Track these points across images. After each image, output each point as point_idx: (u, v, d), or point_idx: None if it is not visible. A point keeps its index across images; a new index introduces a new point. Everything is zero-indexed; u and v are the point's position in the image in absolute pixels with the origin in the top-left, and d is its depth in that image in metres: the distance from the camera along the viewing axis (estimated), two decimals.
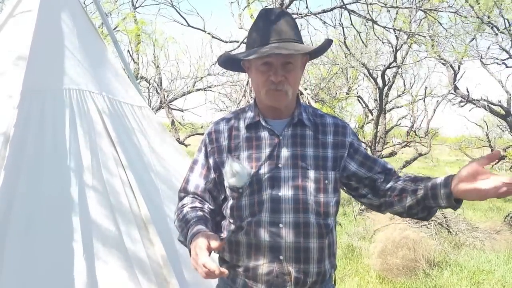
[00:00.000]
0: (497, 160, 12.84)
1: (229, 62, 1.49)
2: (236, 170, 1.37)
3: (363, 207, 6.85)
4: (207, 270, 1.14)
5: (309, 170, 1.36)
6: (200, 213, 1.39)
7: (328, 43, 1.43)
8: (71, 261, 1.71)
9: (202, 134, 10.20)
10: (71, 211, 1.80)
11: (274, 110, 1.42)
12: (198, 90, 8.51)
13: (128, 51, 8.39)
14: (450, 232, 5.62)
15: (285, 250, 1.33)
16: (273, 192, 1.34)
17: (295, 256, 1.33)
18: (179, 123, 9.67)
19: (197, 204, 1.44)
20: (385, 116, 10.00)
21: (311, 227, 1.34)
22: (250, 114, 1.45)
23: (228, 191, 1.41)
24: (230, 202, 1.41)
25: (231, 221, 1.41)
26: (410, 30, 6.72)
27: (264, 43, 1.33)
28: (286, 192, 1.34)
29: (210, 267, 1.13)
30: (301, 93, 5.70)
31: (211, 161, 1.45)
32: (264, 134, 1.41)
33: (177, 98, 8.62)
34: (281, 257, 1.33)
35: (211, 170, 1.45)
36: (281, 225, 1.33)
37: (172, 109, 9.16)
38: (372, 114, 10.50)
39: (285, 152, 1.38)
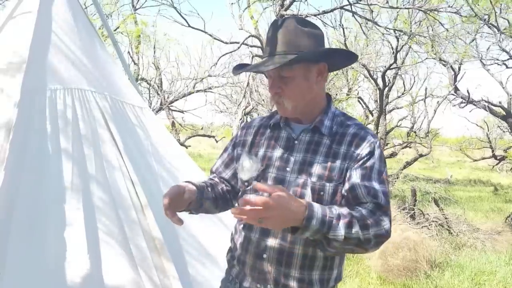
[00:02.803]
0: (498, 161, 12.83)
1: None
2: (245, 164, 1.43)
3: None
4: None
5: (310, 178, 1.34)
6: (212, 181, 1.55)
7: (320, 54, 1.38)
8: (75, 260, 1.71)
9: (203, 135, 10.21)
10: (74, 211, 1.80)
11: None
12: (198, 91, 8.51)
13: (129, 52, 8.39)
14: (451, 233, 5.61)
15: (269, 250, 1.35)
16: None
17: (277, 258, 1.34)
18: (180, 124, 9.68)
19: (216, 179, 1.58)
20: (385, 117, 9.99)
21: None
22: (278, 115, 1.49)
23: (239, 182, 1.50)
24: (239, 193, 1.50)
25: None
26: (411, 31, 6.72)
27: (264, 55, 1.40)
28: None
29: (164, 209, 1.32)
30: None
31: (235, 152, 1.55)
32: (283, 135, 1.44)
33: (177, 100, 8.61)
34: (264, 256, 1.36)
35: (234, 160, 1.54)
36: None
37: (172, 110, 9.17)
38: (372, 115, 10.50)
39: (296, 157, 1.38)
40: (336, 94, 9.95)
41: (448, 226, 5.71)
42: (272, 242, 1.35)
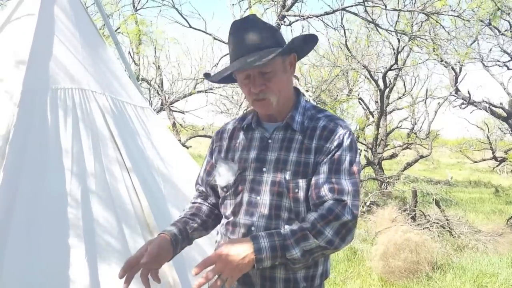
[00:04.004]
0: (498, 163, 12.83)
1: (224, 77, 1.50)
2: (221, 170, 1.44)
3: (364, 208, 6.83)
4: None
5: (286, 176, 1.33)
6: (191, 211, 1.52)
7: (299, 40, 1.37)
8: (73, 262, 1.69)
9: (203, 136, 10.19)
10: (73, 212, 1.78)
11: (268, 114, 1.42)
12: (199, 92, 8.49)
13: (129, 52, 8.38)
14: (452, 235, 5.60)
15: None
16: (252, 195, 1.36)
17: None
18: (180, 125, 9.67)
19: (199, 200, 1.57)
20: (386, 118, 9.99)
21: None
22: (250, 116, 1.47)
23: (219, 189, 1.47)
24: (220, 199, 1.48)
25: (223, 217, 1.48)
26: (412, 33, 6.71)
27: (234, 58, 1.35)
28: (264, 196, 1.34)
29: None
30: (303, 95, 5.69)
31: (213, 158, 1.52)
32: (256, 136, 1.43)
33: (178, 100, 8.60)
34: None
35: (214, 167, 1.52)
36: (253, 228, 1.34)
37: (173, 111, 9.16)
38: (373, 116, 10.49)
39: (271, 156, 1.37)
40: (337, 95, 9.94)
41: (449, 228, 5.69)
42: None
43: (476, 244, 5.38)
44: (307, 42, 1.43)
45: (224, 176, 1.42)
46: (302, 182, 1.32)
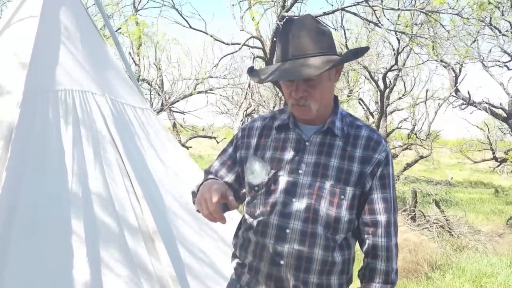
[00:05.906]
0: (498, 163, 12.83)
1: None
2: (255, 168, 1.38)
3: None
4: (211, 215, 1.26)
5: (327, 181, 1.32)
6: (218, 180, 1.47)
7: (352, 55, 1.42)
8: (75, 263, 1.71)
9: (204, 136, 10.20)
10: (75, 214, 1.79)
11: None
12: (199, 92, 8.50)
13: (130, 53, 8.40)
14: (452, 235, 5.61)
15: (287, 255, 1.31)
16: (287, 196, 1.33)
17: (296, 264, 1.31)
18: (181, 125, 9.68)
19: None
20: (386, 119, 9.99)
21: (318, 239, 1.31)
22: (284, 115, 1.44)
23: (247, 187, 1.43)
24: (248, 198, 1.42)
25: (246, 217, 1.43)
26: (412, 33, 6.71)
27: (282, 59, 1.32)
28: (300, 199, 1.32)
29: (216, 213, 1.25)
30: None
31: (238, 155, 1.47)
32: (292, 137, 1.39)
33: (178, 101, 8.61)
34: (282, 262, 1.32)
35: (237, 163, 1.47)
36: (288, 231, 1.31)
37: (173, 111, 9.17)
38: (373, 117, 10.49)
39: (308, 159, 1.34)
40: (337, 96, 9.94)
41: (449, 228, 5.70)
42: (289, 247, 1.31)
43: (476, 245, 5.39)
44: (358, 53, 1.43)
45: (257, 174, 1.37)
46: (349, 190, 1.32)
